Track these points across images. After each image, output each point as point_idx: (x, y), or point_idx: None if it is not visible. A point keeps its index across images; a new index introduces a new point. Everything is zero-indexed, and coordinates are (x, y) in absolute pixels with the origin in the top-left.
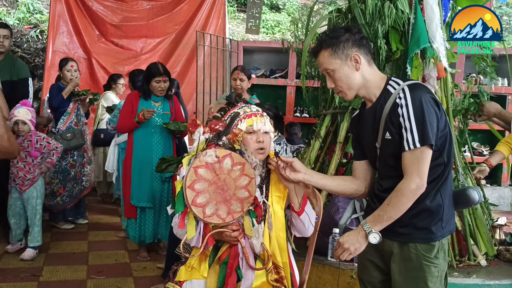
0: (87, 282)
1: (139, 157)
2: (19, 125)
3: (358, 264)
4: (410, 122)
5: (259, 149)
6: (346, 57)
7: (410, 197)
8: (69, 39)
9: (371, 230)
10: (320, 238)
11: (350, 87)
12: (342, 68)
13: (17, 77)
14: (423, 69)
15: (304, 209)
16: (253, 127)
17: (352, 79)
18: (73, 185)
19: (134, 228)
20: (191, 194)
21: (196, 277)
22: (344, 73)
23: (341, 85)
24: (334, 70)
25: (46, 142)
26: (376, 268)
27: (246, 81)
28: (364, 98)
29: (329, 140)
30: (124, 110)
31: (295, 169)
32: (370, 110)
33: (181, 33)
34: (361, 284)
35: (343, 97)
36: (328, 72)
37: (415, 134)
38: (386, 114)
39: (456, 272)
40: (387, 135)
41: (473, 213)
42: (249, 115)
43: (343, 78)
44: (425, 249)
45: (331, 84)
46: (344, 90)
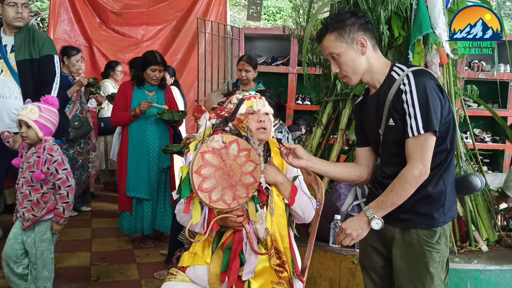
0: (90, 269)
1: (135, 147)
2: (22, 128)
3: (360, 250)
4: (414, 108)
5: (260, 128)
6: (352, 41)
7: (413, 183)
8: (70, 26)
9: (374, 216)
10: (322, 224)
11: (355, 71)
12: (347, 52)
13: (39, 54)
14: (425, 55)
15: (294, 199)
16: (253, 107)
17: (357, 63)
18: (81, 172)
19: (129, 221)
20: (198, 179)
21: (199, 263)
22: (349, 57)
23: (346, 69)
24: (339, 54)
25: (55, 169)
26: (377, 253)
27: (252, 72)
28: (368, 83)
29: (330, 127)
30: (118, 102)
31: (298, 155)
32: (374, 97)
33: (182, 20)
34: (363, 269)
35: (347, 82)
36: (333, 56)
37: (419, 120)
38: (390, 100)
39: (457, 257)
40: (391, 122)
41: (474, 199)
42: (248, 97)
43: (348, 62)
44: (426, 234)
45: (335, 68)
46: (349, 74)
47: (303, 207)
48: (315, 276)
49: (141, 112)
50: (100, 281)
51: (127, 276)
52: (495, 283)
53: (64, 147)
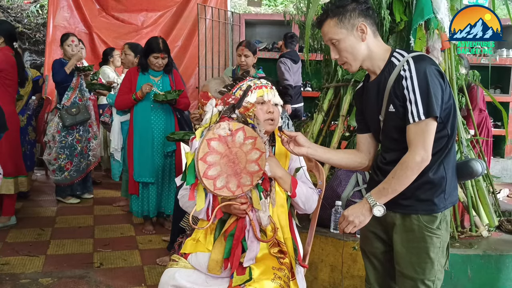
0: (93, 255)
1: (139, 133)
2: None
3: (361, 236)
4: (415, 94)
5: (269, 119)
6: (352, 27)
7: (415, 169)
8: (70, 13)
9: (376, 203)
10: (323, 211)
11: (355, 58)
12: (347, 38)
13: None
14: (427, 40)
15: (295, 191)
16: (264, 97)
17: (357, 49)
18: (80, 160)
19: (137, 204)
20: (203, 166)
21: (201, 250)
22: (349, 44)
23: (346, 56)
24: (339, 40)
25: None
26: (378, 239)
27: (251, 57)
28: (368, 70)
29: (332, 114)
30: (122, 86)
31: (299, 143)
32: (374, 83)
33: (182, 6)
34: (364, 255)
35: (347, 69)
36: (333, 42)
37: (420, 106)
38: (390, 86)
39: (457, 243)
40: (391, 108)
41: (475, 184)
42: (260, 86)
43: (348, 49)
44: (427, 220)
45: (335, 55)
46: (349, 61)
47: (303, 199)
48: (316, 262)
49: (142, 95)
50: (103, 268)
51: (129, 262)
52: (495, 268)
53: (62, 134)
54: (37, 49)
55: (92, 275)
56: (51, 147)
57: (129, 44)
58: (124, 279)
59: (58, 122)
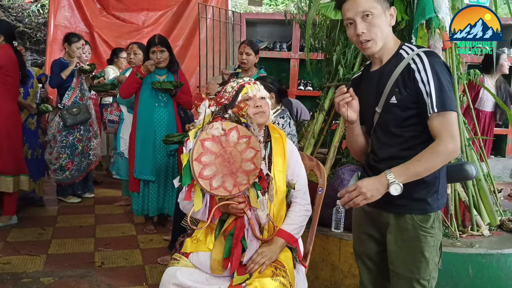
0: (94, 255)
1: (142, 130)
2: None
3: (354, 238)
4: (431, 86)
5: (258, 112)
6: (386, 7)
7: (445, 157)
8: (71, 13)
9: (395, 181)
10: (324, 210)
11: (382, 37)
12: (381, 15)
13: None
14: (428, 39)
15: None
16: (248, 93)
17: (385, 31)
18: (81, 159)
19: (137, 202)
20: (198, 167)
21: (202, 250)
22: (382, 21)
23: (377, 32)
24: (374, 14)
25: None
26: (372, 239)
27: (252, 55)
28: (374, 57)
29: (333, 113)
30: (129, 78)
31: (353, 108)
32: (376, 73)
33: (183, 5)
34: (357, 257)
35: (369, 47)
36: (366, 14)
37: (439, 99)
38: (395, 78)
39: (459, 242)
40: (393, 100)
41: (477, 184)
42: (242, 84)
43: (380, 26)
44: (421, 219)
45: (363, 29)
46: (377, 38)
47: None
48: (317, 261)
49: (146, 72)
50: (104, 267)
51: (131, 261)
52: (496, 267)
53: (63, 133)
54: (38, 48)
55: (93, 275)
56: (52, 146)
57: (138, 44)
58: (125, 278)
59: (59, 122)
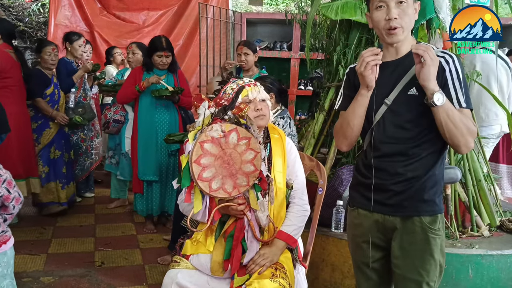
0: (94, 254)
1: (143, 131)
2: None
3: (353, 247)
4: (455, 82)
5: (259, 115)
6: (414, 0)
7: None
8: (71, 12)
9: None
10: (324, 210)
11: (408, 28)
12: (411, 6)
13: None
14: (429, 40)
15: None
16: (249, 96)
17: (412, 22)
18: (84, 158)
19: (141, 202)
20: (197, 169)
21: (202, 251)
22: (411, 12)
23: (406, 21)
24: (408, 3)
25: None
26: (374, 247)
27: (251, 55)
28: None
29: (333, 113)
30: (126, 83)
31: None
32: (392, 64)
33: (183, 5)
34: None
35: (395, 34)
36: (401, 2)
37: (463, 95)
38: None
39: (459, 243)
40: (413, 91)
41: (477, 184)
42: (242, 86)
43: (411, 15)
44: (430, 221)
45: (396, 15)
46: (406, 27)
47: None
48: (317, 261)
49: (147, 85)
50: (104, 266)
51: (131, 261)
52: (496, 267)
53: (67, 133)
54: None
55: (93, 274)
56: None
57: (136, 43)
58: (125, 278)
59: None
